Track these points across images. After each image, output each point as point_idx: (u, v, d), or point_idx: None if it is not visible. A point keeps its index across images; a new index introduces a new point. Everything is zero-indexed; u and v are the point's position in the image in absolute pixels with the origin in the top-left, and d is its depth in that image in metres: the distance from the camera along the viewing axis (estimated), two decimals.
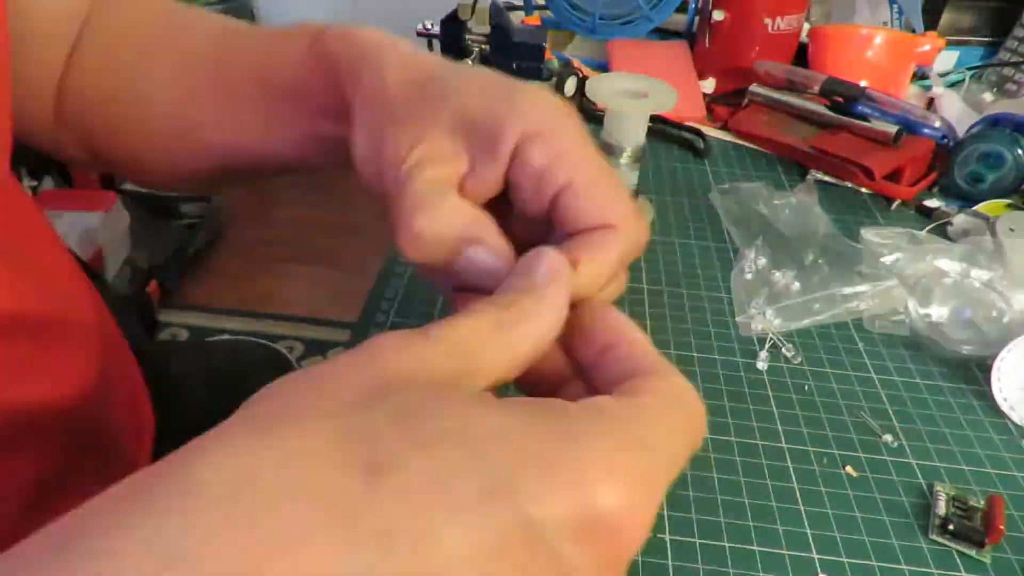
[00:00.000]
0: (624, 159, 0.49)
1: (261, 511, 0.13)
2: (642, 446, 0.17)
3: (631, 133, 0.48)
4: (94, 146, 0.41)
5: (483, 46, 0.70)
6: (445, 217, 0.25)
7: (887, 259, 0.46)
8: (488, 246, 0.25)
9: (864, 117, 0.62)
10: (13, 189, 0.35)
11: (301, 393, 0.17)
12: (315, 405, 0.16)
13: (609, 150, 0.49)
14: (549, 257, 0.21)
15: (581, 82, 0.72)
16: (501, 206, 0.29)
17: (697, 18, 0.80)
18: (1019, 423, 0.38)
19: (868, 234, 0.47)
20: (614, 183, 0.27)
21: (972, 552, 0.31)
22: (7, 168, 0.33)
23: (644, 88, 0.47)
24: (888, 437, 0.37)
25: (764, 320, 0.43)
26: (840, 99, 0.64)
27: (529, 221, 0.29)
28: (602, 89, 0.47)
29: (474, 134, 0.28)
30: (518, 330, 0.19)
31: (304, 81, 0.33)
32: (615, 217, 0.26)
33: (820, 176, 0.60)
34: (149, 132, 0.39)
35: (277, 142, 0.36)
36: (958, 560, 0.31)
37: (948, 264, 0.45)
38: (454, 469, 0.15)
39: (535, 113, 0.28)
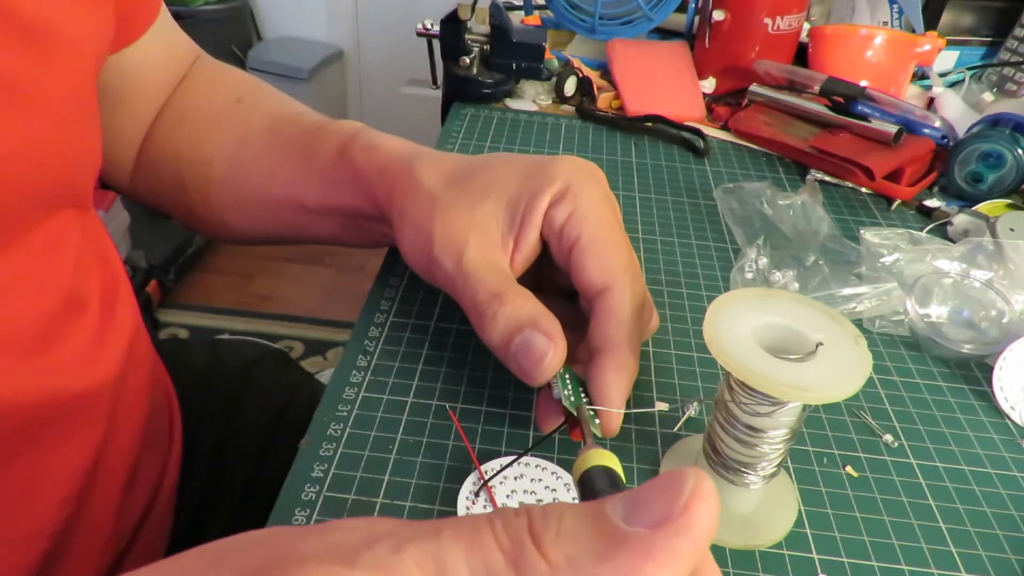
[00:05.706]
0: (758, 478, 0.30)
1: None
2: None
3: (783, 423, 0.27)
4: (161, 194, 0.47)
5: (483, 46, 0.70)
6: (517, 310, 0.31)
7: (887, 259, 0.46)
8: (543, 328, 0.30)
9: (864, 117, 0.62)
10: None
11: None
12: None
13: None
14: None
15: (581, 82, 0.72)
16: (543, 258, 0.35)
17: (697, 18, 0.80)
18: (1020, 423, 0.38)
19: (868, 234, 0.47)
20: (613, 243, 0.33)
21: (972, 551, 0.31)
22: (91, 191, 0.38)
23: (796, 320, 0.27)
24: (888, 437, 0.37)
25: None
26: (840, 99, 0.64)
27: (563, 273, 0.34)
28: (728, 337, 0.26)
29: (514, 206, 0.33)
30: None
31: (334, 180, 0.40)
32: (609, 279, 0.32)
33: (820, 176, 0.60)
34: (206, 188, 0.45)
35: (311, 218, 0.42)
36: (958, 560, 0.31)
37: (948, 264, 0.45)
38: None
39: (564, 176, 0.33)
